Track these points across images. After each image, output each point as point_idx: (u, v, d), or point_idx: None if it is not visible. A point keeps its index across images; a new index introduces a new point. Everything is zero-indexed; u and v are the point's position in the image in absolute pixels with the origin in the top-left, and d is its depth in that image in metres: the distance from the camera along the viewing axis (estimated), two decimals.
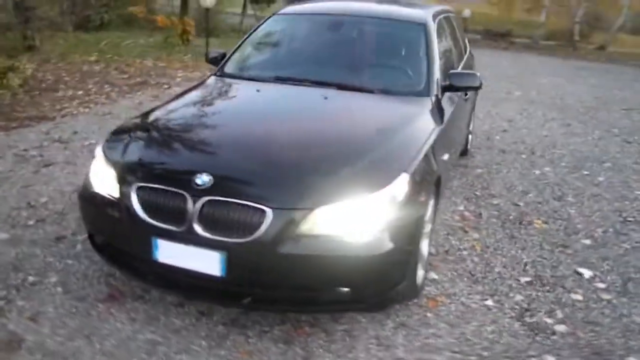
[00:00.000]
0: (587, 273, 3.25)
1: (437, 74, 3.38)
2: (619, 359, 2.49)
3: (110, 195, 2.53)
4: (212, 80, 3.60)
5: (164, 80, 8.70)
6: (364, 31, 3.79)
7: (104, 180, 2.60)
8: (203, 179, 2.31)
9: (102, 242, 2.73)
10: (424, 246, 2.80)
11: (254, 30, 3.96)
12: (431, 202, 2.75)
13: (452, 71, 3.50)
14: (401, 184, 2.37)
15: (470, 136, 5.44)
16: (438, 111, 3.19)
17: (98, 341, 2.44)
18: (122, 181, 2.50)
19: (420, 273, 2.72)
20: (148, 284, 2.66)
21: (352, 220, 2.25)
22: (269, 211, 2.21)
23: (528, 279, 3.16)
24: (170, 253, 2.34)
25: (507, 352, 2.49)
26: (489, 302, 2.88)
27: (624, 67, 15.87)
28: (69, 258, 3.12)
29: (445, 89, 3.40)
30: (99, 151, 2.76)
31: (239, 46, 3.87)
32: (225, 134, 2.76)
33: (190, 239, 2.28)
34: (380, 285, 2.38)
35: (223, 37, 14.68)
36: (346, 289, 2.33)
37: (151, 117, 2.97)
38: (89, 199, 2.67)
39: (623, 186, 4.90)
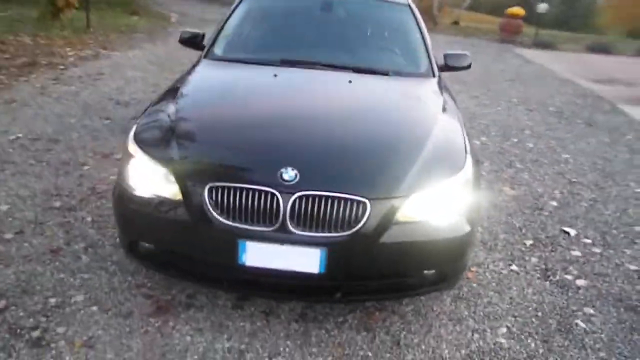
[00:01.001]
0: (571, 231, 3.67)
1: (432, 54, 3.52)
2: (637, 302, 2.90)
3: (169, 199, 2.28)
4: (210, 63, 3.33)
5: (56, 61, 7.74)
6: (354, 12, 3.77)
7: (154, 182, 2.33)
8: (290, 173, 2.19)
9: (148, 251, 2.45)
10: None
11: (234, 9, 3.72)
12: None
13: (447, 52, 3.64)
14: (469, 166, 2.47)
15: None
16: (447, 90, 3.33)
17: (179, 359, 2.23)
18: (184, 182, 2.26)
19: None
20: (223, 289, 2.49)
21: (439, 205, 2.30)
22: (368, 202, 2.17)
23: (530, 241, 3.49)
24: (260, 255, 2.19)
25: (555, 310, 2.76)
26: (514, 267, 3.14)
27: (480, 40, 17.51)
28: (82, 272, 2.75)
29: (440, 69, 3.55)
30: (135, 149, 2.44)
31: (223, 26, 3.61)
32: (282, 124, 2.59)
33: (283, 238, 2.16)
34: (459, 264, 2.48)
35: (107, 10, 13.37)
36: (432, 271, 2.40)
37: (181, 108, 2.68)
38: (134, 204, 2.37)
39: (550, 151, 5.54)
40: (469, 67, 3.66)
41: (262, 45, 3.55)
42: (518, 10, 17.33)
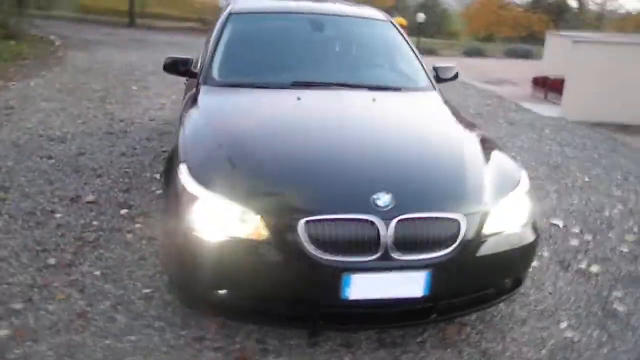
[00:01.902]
0: (559, 223, 3.98)
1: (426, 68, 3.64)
2: None
3: (252, 239, 2.11)
4: (216, 90, 3.12)
5: None
6: (342, 29, 3.76)
7: (230, 223, 2.14)
8: (384, 199, 2.13)
9: (221, 299, 2.23)
10: None
11: (221, 31, 3.52)
12: None
13: (437, 65, 3.77)
14: (525, 176, 2.59)
15: None
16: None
17: None
18: (271, 219, 2.10)
19: None
20: (316, 328, 2.36)
21: (513, 215, 2.38)
22: (461, 219, 2.19)
23: None
24: (365, 286, 2.10)
25: (591, 298, 2.96)
26: (535, 264, 3.31)
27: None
28: (126, 334, 2.43)
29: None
30: (200, 190, 2.21)
31: (215, 51, 3.41)
32: (351, 149, 2.50)
33: (387, 266, 2.10)
34: (529, 268, 2.58)
35: None
36: (508, 279, 2.47)
37: (231, 141, 2.48)
38: (207, 251, 2.15)
39: None
40: (456, 77, 3.82)
41: (263, 68, 3.40)
42: (401, 20, 18.41)
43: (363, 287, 2.10)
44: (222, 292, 2.22)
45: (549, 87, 9.44)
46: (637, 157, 6.12)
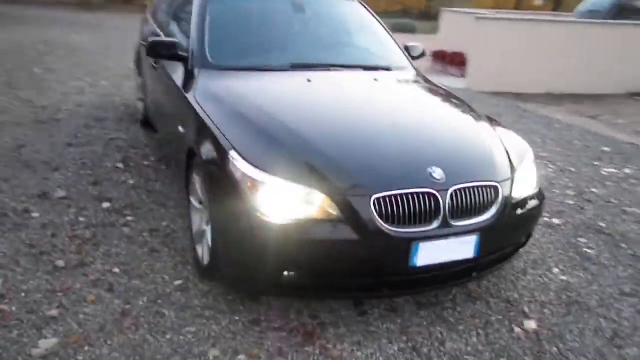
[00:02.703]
0: None
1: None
2: (601, 226, 3.79)
3: (323, 219, 2.21)
4: (217, 74, 3.06)
5: None
6: (320, 10, 3.82)
7: (297, 205, 2.21)
8: (438, 172, 2.33)
9: (291, 279, 2.30)
10: None
11: (203, 15, 3.41)
12: None
13: (409, 44, 3.99)
14: (529, 147, 2.94)
15: None
16: None
17: None
18: (342, 198, 2.21)
19: None
20: (383, 296, 2.56)
21: (528, 181, 2.71)
22: (498, 185, 2.46)
23: None
24: (430, 253, 2.30)
25: (567, 246, 3.43)
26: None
27: None
28: (185, 325, 2.40)
29: None
30: (263, 176, 2.23)
31: (202, 34, 3.31)
32: (390, 127, 2.64)
33: (447, 233, 2.31)
34: (536, 224, 2.95)
35: None
36: (524, 235, 2.81)
37: (278, 125, 2.51)
38: (277, 233, 2.21)
39: None
40: (423, 55, 4.07)
41: (257, 50, 3.37)
42: None
43: (427, 254, 2.30)
44: (290, 273, 2.29)
45: (449, 61, 10.19)
46: (545, 122, 6.93)
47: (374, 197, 2.21)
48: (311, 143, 2.42)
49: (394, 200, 2.23)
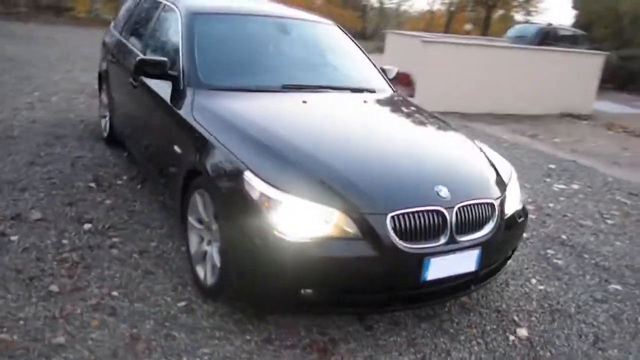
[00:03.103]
0: None
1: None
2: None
3: (339, 237, 2.29)
4: (209, 94, 3.08)
5: None
6: (302, 32, 3.91)
7: (314, 223, 2.29)
8: (444, 190, 2.48)
9: (308, 297, 2.35)
10: None
11: (189, 34, 3.41)
12: None
13: (385, 66, 4.15)
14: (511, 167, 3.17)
15: None
16: None
17: None
18: (359, 216, 2.30)
19: None
20: (395, 310, 2.65)
21: (514, 198, 2.92)
22: (495, 202, 2.65)
23: None
24: (438, 268, 2.42)
25: (539, 258, 3.69)
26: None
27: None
28: (200, 346, 2.38)
29: None
30: (281, 195, 2.28)
31: (192, 54, 3.31)
32: (392, 148, 2.78)
33: (453, 248, 2.45)
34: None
35: None
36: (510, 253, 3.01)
37: (284, 144, 2.56)
38: (294, 252, 2.27)
39: None
40: (397, 78, 4.26)
41: (248, 71, 3.40)
42: None
43: (436, 268, 2.42)
44: (307, 290, 2.34)
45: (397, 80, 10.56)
46: (493, 140, 7.35)
47: (390, 215, 2.32)
48: (324, 163, 2.49)
49: (406, 218, 2.35)
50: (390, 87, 3.90)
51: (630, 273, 3.61)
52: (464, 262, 2.53)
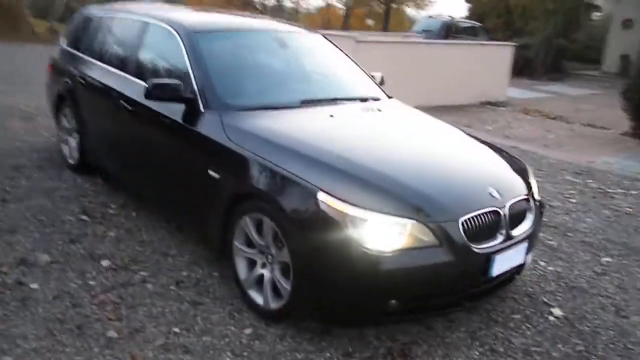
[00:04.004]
0: None
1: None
2: None
3: (419, 247, 2.40)
4: (243, 115, 3.01)
5: None
6: (298, 46, 3.93)
7: (398, 236, 2.37)
8: (495, 192, 2.67)
9: (394, 308, 2.43)
10: None
11: (195, 54, 3.30)
12: None
13: (372, 73, 4.27)
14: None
15: None
16: None
17: None
18: (436, 224, 2.42)
19: None
20: (461, 308, 2.75)
21: (535, 190, 3.18)
22: (529, 197, 2.90)
23: None
24: (501, 264, 2.62)
25: (585, 265, 4.00)
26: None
27: None
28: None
29: None
30: (363, 212, 2.34)
31: (206, 74, 3.22)
32: (433, 153, 2.93)
33: (510, 243, 2.66)
34: None
35: None
36: None
37: (343, 160, 2.62)
38: (381, 266, 2.35)
39: None
40: (383, 83, 4.40)
41: (265, 88, 3.38)
42: None
43: (499, 264, 2.62)
44: (394, 300, 2.43)
45: None
46: None
47: (461, 219, 2.47)
48: (391, 175, 2.58)
49: (473, 221, 2.51)
50: (385, 93, 4.04)
51: (612, 245, 4.07)
52: (517, 255, 2.75)
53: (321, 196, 2.43)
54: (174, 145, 3.32)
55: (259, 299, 2.79)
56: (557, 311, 3.07)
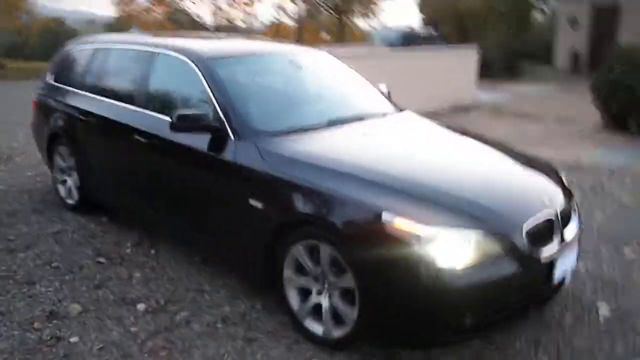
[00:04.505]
0: None
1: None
2: None
3: (492, 257, 2.38)
4: (279, 141, 2.92)
5: None
6: (311, 66, 3.89)
7: (469, 251, 2.34)
8: (546, 198, 2.69)
9: (472, 322, 2.39)
10: None
11: (214, 81, 3.21)
12: None
13: (381, 85, 4.25)
14: None
15: None
16: None
17: None
18: (500, 237, 2.40)
19: None
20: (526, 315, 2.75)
21: None
22: (574, 198, 2.94)
23: None
24: (561, 267, 2.63)
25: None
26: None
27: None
28: None
29: None
30: (433, 230, 2.30)
31: (230, 101, 3.12)
32: (469, 164, 2.97)
33: (565, 247, 2.67)
34: None
35: None
36: None
37: (392, 177, 2.59)
38: (457, 284, 2.31)
39: None
40: (389, 96, 4.39)
41: (288, 110, 3.32)
42: None
43: (560, 268, 2.63)
44: (467, 318, 2.39)
45: None
46: None
47: (524, 228, 2.46)
48: (447, 190, 2.55)
49: (532, 229, 2.51)
50: (396, 105, 4.02)
51: (629, 238, 4.16)
52: (571, 257, 2.77)
53: (386, 216, 2.37)
54: (203, 176, 3.20)
55: (317, 328, 2.70)
56: (604, 308, 3.11)
